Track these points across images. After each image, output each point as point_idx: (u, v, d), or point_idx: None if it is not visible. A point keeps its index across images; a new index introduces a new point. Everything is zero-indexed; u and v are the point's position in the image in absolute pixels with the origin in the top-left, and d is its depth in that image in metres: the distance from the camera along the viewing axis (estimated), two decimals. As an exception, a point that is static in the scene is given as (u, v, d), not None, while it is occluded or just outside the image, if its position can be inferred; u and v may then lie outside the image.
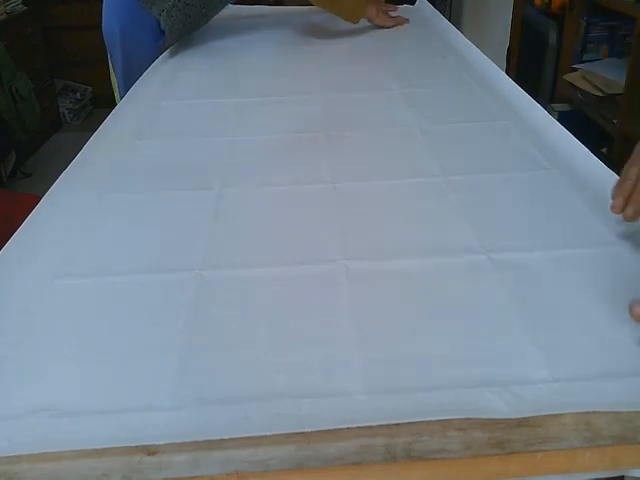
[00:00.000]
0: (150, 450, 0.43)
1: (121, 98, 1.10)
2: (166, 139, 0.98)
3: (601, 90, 1.82)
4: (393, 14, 1.63)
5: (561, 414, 0.45)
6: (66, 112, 3.45)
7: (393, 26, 1.60)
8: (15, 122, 2.63)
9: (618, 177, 0.75)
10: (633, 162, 0.66)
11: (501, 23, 2.58)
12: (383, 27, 1.58)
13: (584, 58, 1.98)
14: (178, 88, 1.22)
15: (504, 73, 1.16)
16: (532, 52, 2.21)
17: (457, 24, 2.35)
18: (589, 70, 1.93)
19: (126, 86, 1.25)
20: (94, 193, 0.81)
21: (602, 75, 1.87)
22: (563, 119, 0.92)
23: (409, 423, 0.45)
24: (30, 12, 3.07)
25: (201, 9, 1.50)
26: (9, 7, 2.90)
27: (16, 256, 0.68)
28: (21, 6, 3.00)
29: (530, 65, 2.24)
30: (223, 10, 1.73)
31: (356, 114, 1.05)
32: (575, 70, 1.99)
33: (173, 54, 1.45)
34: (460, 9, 3.21)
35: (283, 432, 0.44)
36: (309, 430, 0.44)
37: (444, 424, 0.45)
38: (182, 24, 1.48)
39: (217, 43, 1.53)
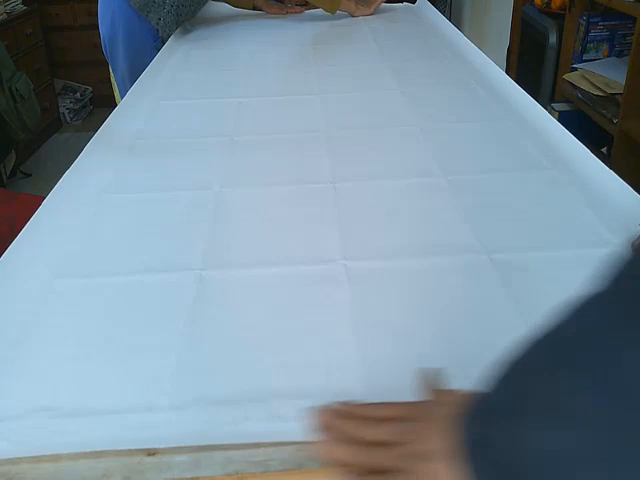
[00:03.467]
0: (150, 451, 0.43)
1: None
2: (166, 139, 0.98)
3: (601, 90, 1.81)
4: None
5: (561, 414, 0.45)
6: (66, 112, 3.45)
7: (374, 12, 1.74)
8: (15, 122, 2.63)
9: (618, 177, 0.76)
10: None
11: (501, 23, 2.58)
12: (364, 15, 1.73)
13: (584, 58, 1.98)
14: (178, 88, 1.22)
15: (504, 73, 1.16)
16: (532, 52, 2.21)
17: (457, 24, 2.35)
18: (589, 70, 1.92)
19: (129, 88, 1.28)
20: (94, 193, 0.81)
21: (602, 75, 1.87)
22: (563, 119, 0.92)
23: (409, 423, 0.45)
24: (30, 12, 3.07)
25: (190, 7, 1.62)
26: (9, 7, 2.90)
27: (17, 256, 0.68)
28: (21, 6, 3.00)
29: (530, 65, 2.24)
30: (224, 11, 1.76)
31: (356, 114, 1.05)
32: (575, 70, 1.99)
33: (173, 54, 1.45)
34: (460, 9, 3.21)
35: (283, 433, 0.44)
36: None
37: (444, 424, 0.44)
38: (175, 24, 1.58)
39: (217, 43, 1.53)
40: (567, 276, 0.61)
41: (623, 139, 1.67)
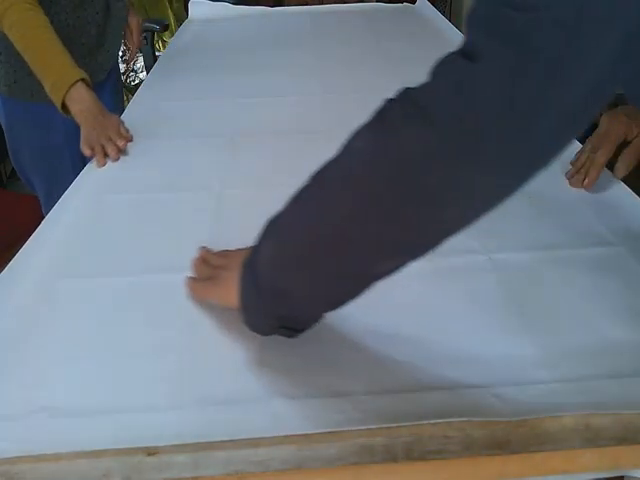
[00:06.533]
0: (150, 450, 0.43)
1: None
2: (166, 139, 0.98)
3: (601, 90, 1.82)
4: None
5: (560, 415, 0.45)
6: (66, 112, 3.44)
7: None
8: (15, 122, 2.62)
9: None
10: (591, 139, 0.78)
11: (501, 23, 2.57)
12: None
13: (584, 58, 1.98)
14: (178, 89, 1.22)
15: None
16: (532, 52, 2.21)
17: (457, 24, 2.34)
18: (589, 70, 1.93)
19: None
20: (95, 193, 0.81)
21: (602, 75, 1.87)
22: (563, 119, 0.92)
23: (409, 424, 0.45)
24: (30, 12, 3.07)
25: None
26: (9, 7, 2.89)
27: (17, 256, 0.68)
28: (21, 6, 3.00)
29: (530, 65, 2.24)
30: (225, 11, 1.73)
31: (356, 115, 1.04)
32: (575, 70, 1.99)
33: (173, 55, 1.45)
34: (460, 9, 3.21)
35: (283, 432, 0.44)
36: (309, 432, 0.44)
37: (444, 425, 0.45)
38: (14, 73, 1.13)
39: (217, 44, 1.52)
40: (567, 276, 0.61)
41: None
